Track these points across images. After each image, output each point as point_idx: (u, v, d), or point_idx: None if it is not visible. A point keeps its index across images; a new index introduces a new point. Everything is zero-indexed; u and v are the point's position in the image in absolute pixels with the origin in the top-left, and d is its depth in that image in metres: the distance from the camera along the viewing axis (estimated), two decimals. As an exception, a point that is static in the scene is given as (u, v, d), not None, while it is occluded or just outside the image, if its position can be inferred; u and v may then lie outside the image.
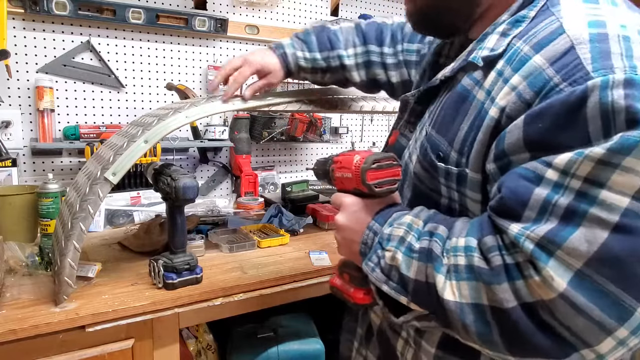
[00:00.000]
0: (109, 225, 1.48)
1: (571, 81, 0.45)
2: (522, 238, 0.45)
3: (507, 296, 0.46)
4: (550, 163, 0.45)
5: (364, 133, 2.26)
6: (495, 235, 0.49)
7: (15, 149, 1.47)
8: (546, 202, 0.45)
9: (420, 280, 0.53)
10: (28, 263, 1.06)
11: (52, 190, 1.16)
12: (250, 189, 1.84)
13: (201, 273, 1.06)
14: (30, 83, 1.50)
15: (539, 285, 0.44)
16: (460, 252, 0.51)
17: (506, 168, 0.50)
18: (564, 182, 0.44)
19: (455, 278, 0.50)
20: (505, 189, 0.48)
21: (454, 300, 0.49)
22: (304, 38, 1.02)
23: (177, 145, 1.65)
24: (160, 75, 1.72)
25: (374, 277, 0.58)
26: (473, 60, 0.58)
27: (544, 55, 0.49)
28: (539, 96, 0.47)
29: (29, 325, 0.84)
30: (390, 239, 0.57)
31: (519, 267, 0.46)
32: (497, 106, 0.52)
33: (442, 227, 0.55)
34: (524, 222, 0.46)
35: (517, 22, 0.56)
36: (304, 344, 1.25)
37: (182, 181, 0.97)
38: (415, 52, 0.93)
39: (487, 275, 0.47)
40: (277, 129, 1.90)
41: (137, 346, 0.96)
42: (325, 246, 1.35)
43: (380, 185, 0.61)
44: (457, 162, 0.57)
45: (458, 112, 0.58)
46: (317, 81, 1.08)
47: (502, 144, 0.50)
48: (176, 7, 1.69)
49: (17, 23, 1.46)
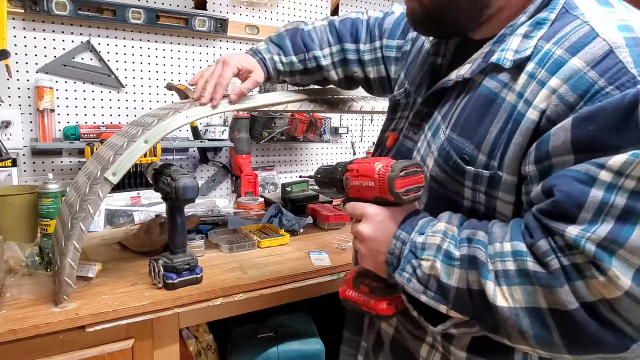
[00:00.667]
0: (109, 225, 1.48)
1: (618, 84, 0.46)
2: (583, 240, 0.46)
3: (569, 298, 0.46)
4: (603, 165, 0.46)
5: (364, 133, 2.26)
6: (547, 238, 0.49)
7: (15, 149, 1.47)
8: (602, 203, 0.46)
9: (462, 288, 0.53)
10: (28, 263, 1.06)
11: (52, 190, 1.16)
12: (250, 189, 1.84)
13: (201, 273, 1.06)
14: (30, 83, 1.50)
15: (604, 285, 0.45)
16: (507, 257, 0.51)
17: (547, 170, 0.51)
18: (617, 182, 0.45)
19: (505, 283, 0.50)
20: (559, 192, 0.48)
21: (508, 306, 0.49)
22: (279, 42, 1.02)
23: (177, 145, 1.65)
24: (160, 75, 1.72)
25: (410, 287, 0.56)
26: (497, 61, 0.57)
27: (582, 58, 0.49)
28: (584, 99, 0.48)
29: (29, 325, 0.84)
30: (426, 248, 0.56)
31: (578, 268, 0.46)
32: (537, 109, 0.52)
33: (481, 232, 0.55)
34: (580, 224, 0.47)
35: (539, 25, 0.56)
36: (304, 344, 1.25)
37: (182, 181, 0.97)
38: (395, 48, 0.92)
39: (546, 278, 0.48)
40: (277, 129, 1.90)
41: (137, 346, 0.96)
42: (325, 246, 1.35)
43: (407, 193, 0.59)
44: (487, 165, 0.57)
45: (485, 115, 0.58)
46: (297, 83, 1.08)
47: (546, 146, 0.50)
48: (176, 7, 1.69)
49: (17, 23, 1.46)
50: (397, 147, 0.75)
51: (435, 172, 0.64)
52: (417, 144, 0.70)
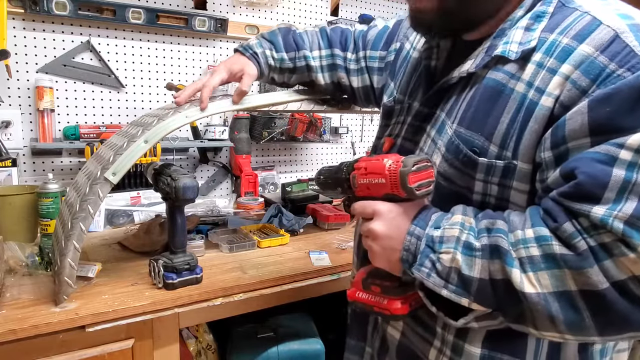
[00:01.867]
0: (109, 225, 1.48)
1: (629, 66, 0.48)
2: (610, 219, 0.46)
3: (600, 278, 0.47)
4: (623, 144, 0.47)
5: (364, 133, 2.26)
6: (571, 220, 0.49)
7: (15, 149, 1.47)
8: (625, 181, 0.47)
9: (484, 279, 0.52)
10: (28, 263, 1.06)
11: (52, 190, 1.16)
12: (250, 189, 1.84)
13: (201, 273, 1.06)
14: (30, 83, 1.50)
15: (634, 261, 0.46)
16: (531, 243, 0.51)
17: (563, 155, 0.52)
18: (638, 160, 0.46)
19: (531, 269, 0.50)
20: (581, 174, 0.49)
21: (536, 292, 0.49)
22: (271, 39, 1.03)
23: (177, 145, 1.65)
24: (160, 75, 1.72)
25: (430, 282, 0.56)
26: (503, 54, 0.58)
27: (590, 44, 0.51)
28: (596, 83, 0.50)
29: (29, 325, 0.84)
30: (444, 241, 0.55)
31: (605, 247, 0.47)
32: (552, 96, 0.53)
33: (500, 221, 0.55)
34: (605, 203, 0.47)
35: (539, 17, 0.58)
36: (304, 344, 1.25)
37: (182, 181, 0.97)
38: (377, 58, 0.94)
39: (575, 261, 0.48)
40: (277, 129, 1.90)
41: (137, 346, 0.96)
42: (325, 246, 1.35)
43: (419, 187, 0.59)
44: (499, 156, 0.58)
45: (493, 106, 0.58)
46: (285, 82, 1.09)
47: (562, 131, 0.51)
48: (176, 7, 1.69)
49: (17, 23, 1.46)
50: (396, 149, 0.75)
51: (444, 168, 0.64)
52: (419, 144, 0.70)
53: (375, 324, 0.80)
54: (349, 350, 0.87)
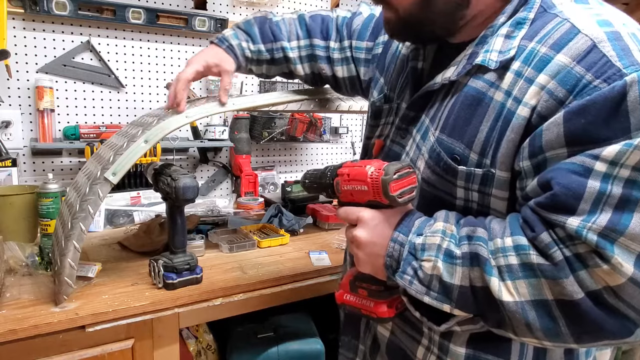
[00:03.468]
0: (109, 225, 1.48)
1: (605, 77, 0.48)
2: (584, 231, 0.47)
3: (575, 288, 0.47)
4: (598, 156, 0.47)
5: (364, 133, 2.25)
6: (548, 230, 0.49)
7: (15, 149, 1.47)
8: (600, 193, 0.47)
9: (465, 286, 0.53)
10: (28, 263, 1.06)
11: (52, 190, 1.16)
12: (250, 189, 1.84)
13: (201, 273, 1.06)
14: (30, 83, 1.50)
15: (607, 272, 0.46)
16: (510, 252, 0.51)
17: (541, 165, 0.52)
18: (613, 172, 0.47)
19: (509, 278, 0.50)
20: (557, 185, 0.49)
21: (514, 300, 0.50)
22: (247, 29, 1.00)
23: (177, 145, 1.65)
24: (160, 75, 1.72)
25: (413, 290, 0.56)
26: (483, 63, 0.58)
27: (567, 54, 0.51)
28: (572, 94, 0.49)
29: (29, 325, 0.84)
30: (425, 249, 0.56)
31: (580, 258, 0.47)
32: (528, 106, 0.53)
33: (480, 229, 0.55)
34: (580, 215, 0.48)
35: (519, 24, 0.57)
36: (304, 344, 1.25)
37: (182, 181, 0.97)
38: (364, 49, 0.91)
39: (551, 270, 0.48)
40: (277, 129, 1.90)
41: (137, 346, 0.96)
42: (325, 246, 1.35)
43: (401, 195, 0.59)
44: (479, 163, 0.58)
45: (473, 114, 0.59)
46: (263, 73, 1.06)
47: (539, 141, 0.51)
48: (176, 7, 1.69)
49: (17, 23, 1.46)
50: (384, 153, 0.75)
51: (427, 174, 0.64)
52: (406, 148, 0.70)
53: (368, 322, 0.81)
54: (343, 347, 0.88)
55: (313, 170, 0.72)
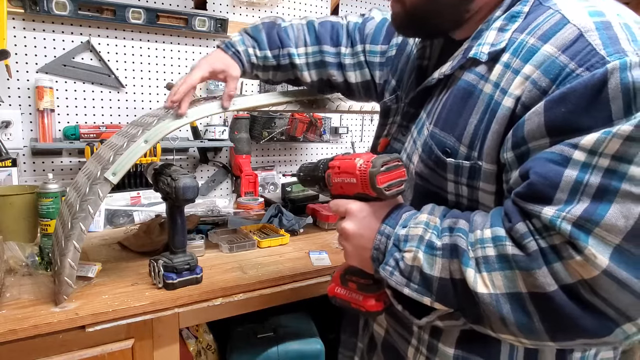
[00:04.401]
0: (109, 225, 1.48)
1: (588, 66, 0.47)
2: (559, 220, 0.45)
3: (548, 280, 0.46)
4: (577, 144, 0.46)
5: (364, 133, 2.26)
6: (524, 221, 0.48)
7: (15, 149, 1.47)
8: (577, 182, 0.46)
9: (445, 278, 0.52)
10: (28, 263, 1.06)
11: (52, 190, 1.16)
12: (250, 189, 1.84)
13: (201, 273, 1.06)
14: (30, 83, 1.50)
15: (581, 264, 0.44)
16: (488, 243, 0.50)
17: (524, 155, 0.51)
18: (591, 161, 0.45)
19: (486, 269, 0.50)
20: (533, 174, 0.48)
21: (488, 292, 0.49)
22: (254, 35, 1.00)
23: (177, 145, 1.65)
24: (160, 75, 1.72)
25: (393, 281, 0.56)
26: (475, 56, 0.58)
27: (553, 44, 0.50)
28: (555, 83, 0.49)
29: (29, 325, 0.84)
30: (408, 240, 0.55)
31: (555, 249, 0.46)
32: (512, 96, 0.52)
33: (462, 220, 0.54)
34: (556, 204, 0.46)
35: (513, 18, 0.57)
36: (304, 344, 1.25)
37: (182, 181, 0.97)
38: (379, 53, 0.91)
39: (525, 261, 0.47)
40: (277, 129, 1.90)
41: (137, 346, 0.96)
42: (325, 246, 1.35)
43: (389, 187, 0.59)
44: (467, 156, 0.58)
45: (464, 107, 0.59)
46: (269, 79, 1.06)
47: (522, 132, 0.51)
48: (176, 7, 1.69)
49: (17, 23, 1.46)
50: (387, 151, 0.76)
51: (420, 168, 0.64)
52: (405, 144, 0.71)
53: (366, 321, 0.81)
54: (343, 345, 0.88)
55: (308, 163, 0.73)
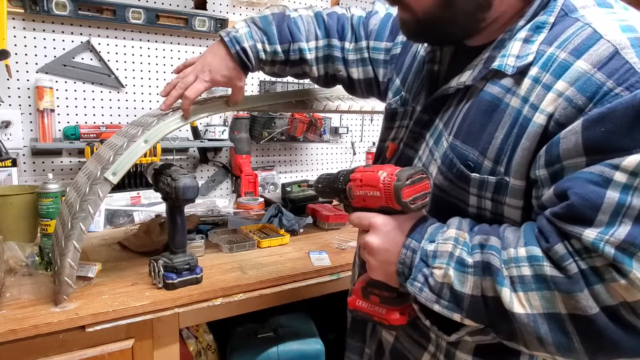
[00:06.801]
0: (109, 225, 1.48)
1: (627, 85, 0.46)
2: (601, 243, 0.45)
3: (590, 303, 0.46)
4: (618, 166, 0.45)
5: (364, 133, 2.26)
6: (563, 242, 0.48)
7: (15, 149, 1.47)
8: (619, 205, 0.45)
9: (477, 295, 0.52)
10: (28, 263, 1.06)
11: (52, 190, 1.16)
12: (250, 189, 1.84)
13: (201, 273, 1.06)
14: (30, 83, 1.50)
15: (625, 288, 0.44)
16: (523, 262, 0.50)
17: (558, 173, 0.50)
18: (633, 183, 0.45)
19: (522, 289, 0.49)
20: (573, 195, 0.47)
21: (525, 313, 0.48)
22: (265, 28, 0.93)
23: (177, 145, 1.65)
24: (160, 75, 1.72)
25: (423, 297, 0.55)
26: (499, 68, 0.57)
27: (587, 60, 0.49)
28: (593, 101, 0.48)
29: (29, 325, 0.84)
30: (437, 256, 0.55)
31: (597, 271, 0.46)
32: (544, 113, 0.51)
33: (493, 237, 0.53)
34: (598, 226, 0.46)
35: (539, 28, 0.55)
36: (304, 344, 1.25)
37: (182, 181, 0.97)
38: (383, 50, 0.88)
39: (565, 283, 0.47)
40: (277, 129, 1.90)
41: (137, 346, 0.96)
42: (325, 246, 1.35)
43: (414, 201, 0.57)
44: (493, 171, 0.57)
45: (489, 120, 0.57)
46: (274, 72, 1.00)
47: (557, 150, 0.50)
48: (176, 7, 1.69)
49: (17, 23, 1.46)
50: (397, 156, 0.74)
51: (439, 180, 0.63)
52: (419, 152, 0.70)
53: (374, 326, 0.80)
54: (349, 349, 0.87)
55: (326, 175, 0.71)
